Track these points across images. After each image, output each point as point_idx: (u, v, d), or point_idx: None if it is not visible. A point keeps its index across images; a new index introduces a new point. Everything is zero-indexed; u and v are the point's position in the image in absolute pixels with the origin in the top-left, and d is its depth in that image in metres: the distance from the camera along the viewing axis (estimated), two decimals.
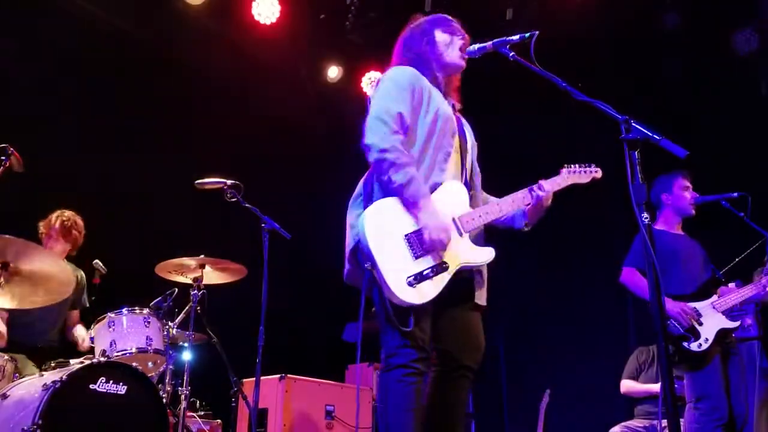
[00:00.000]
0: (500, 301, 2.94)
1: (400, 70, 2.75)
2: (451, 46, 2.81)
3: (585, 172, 2.99)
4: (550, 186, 2.84)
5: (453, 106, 2.84)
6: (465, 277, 2.65)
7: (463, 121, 2.89)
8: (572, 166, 2.98)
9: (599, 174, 3.03)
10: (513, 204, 2.78)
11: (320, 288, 6.17)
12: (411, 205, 2.50)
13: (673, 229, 4.27)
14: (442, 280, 2.50)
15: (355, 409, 4.91)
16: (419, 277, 2.44)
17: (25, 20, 5.15)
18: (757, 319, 4.52)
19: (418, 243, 2.50)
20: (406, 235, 2.50)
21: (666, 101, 5.75)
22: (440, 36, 2.81)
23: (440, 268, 2.49)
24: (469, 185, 2.76)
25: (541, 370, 6.21)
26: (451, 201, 2.63)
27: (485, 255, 2.66)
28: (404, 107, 2.61)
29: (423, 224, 2.49)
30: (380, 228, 2.47)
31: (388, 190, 2.54)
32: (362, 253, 2.47)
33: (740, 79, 5.61)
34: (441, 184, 2.64)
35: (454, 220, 2.61)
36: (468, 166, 2.79)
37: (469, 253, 2.61)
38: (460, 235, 2.60)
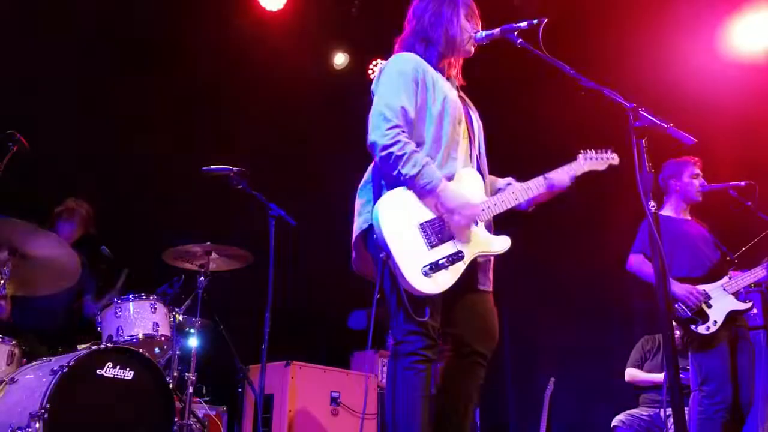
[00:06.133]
0: (504, 289, 2.92)
1: (403, 58, 2.67)
2: (470, 33, 2.73)
3: (602, 158, 2.93)
4: (566, 177, 2.79)
5: (456, 88, 2.80)
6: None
7: (468, 102, 2.84)
8: (589, 151, 2.91)
9: (616, 161, 2.96)
10: (528, 192, 2.73)
11: (326, 275, 6.18)
12: (427, 194, 2.47)
13: (679, 215, 4.27)
14: (457, 269, 2.47)
15: (361, 396, 4.96)
16: (435, 267, 2.42)
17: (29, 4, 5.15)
18: (764, 308, 4.52)
19: (433, 232, 2.47)
20: (420, 224, 2.47)
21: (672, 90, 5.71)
22: (464, 21, 2.72)
23: (456, 257, 2.47)
24: (480, 171, 2.71)
25: (545, 358, 6.22)
26: (468, 190, 2.59)
27: (501, 244, 2.62)
28: (407, 100, 2.55)
29: (449, 209, 2.47)
30: (394, 218, 2.44)
31: (396, 181, 2.48)
32: (377, 243, 2.45)
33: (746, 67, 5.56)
34: (453, 174, 2.60)
35: None
36: (476, 151, 2.74)
37: (485, 243, 2.58)
38: (476, 224, 2.57)
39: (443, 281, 2.43)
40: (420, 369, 2.45)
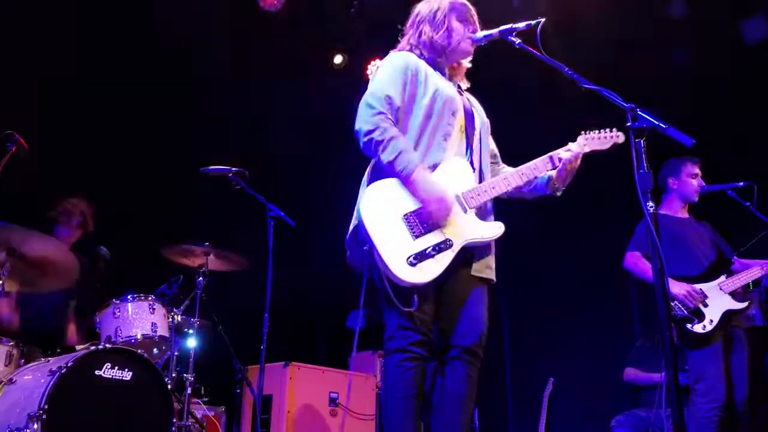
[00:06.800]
0: (503, 289, 2.91)
1: (395, 55, 2.74)
2: (463, 35, 2.76)
3: (604, 137, 2.83)
4: (568, 155, 2.72)
5: (459, 87, 2.82)
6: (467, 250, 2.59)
7: (472, 100, 2.86)
8: (589, 132, 2.83)
9: (621, 139, 2.85)
10: (522, 177, 2.70)
11: (325, 275, 6.18)
12: (405, 180, 2.47)
13: (677, 214, 4.28)
14: (445, 258, 2.45)
15: (360, 397, 4.96)
16: (420, 256, 2.41)
17: (26, 4, 5.14)
18: (762, 309, 4.52)
19: (417, 222, 2.47)
20: (405, 215, 2.47)
21: (673, 90, 5.71)
22: (455, 24, 2.76)
23: (443, 245, 2.46)
24: (474, 163, 2.70)
25: (545, 358, 6.22)
26: (453, 177, 2.59)
27: (493, 230, 2.60)
28: (394, 90, 2.60)
29: (421, 199, 2.46)
30: (377, 209, 2.46)
31: (382, 171, 2.52)
32: (361, 236, 2.45)
33: (747, 68, 5.56)
34: (439, 163, 2.60)
35: (457, 196, 2.57)
36: (476, 144, 2.73)
37: (474, 229, 2.56)
38: (465, 211, 2.56)
39: (430, 270, 2.42)
40: (409, 367, 2.43)
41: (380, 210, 2.46)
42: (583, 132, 2.84)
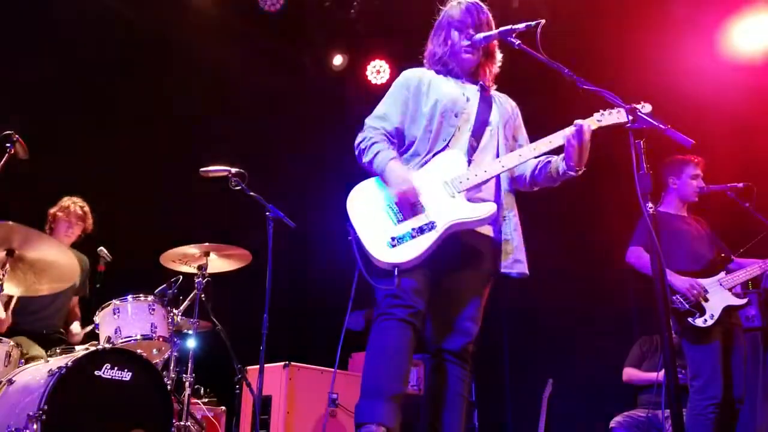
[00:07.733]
0: (501, 289, 2.92)
1: (402, 73, 2.95)
2: (458, 42, 2.85)
3: (619, 112, 2.68)
4: (573, 129, 2.65)
5: (483, 86, 2.88)
6: (474, 242, 2.68)
7: (496, 98, 2.91)
8: (603, 111, 2.71)
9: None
10: (520, 157, 2.70)
11: (324, 276, 6.18)
12: (381, 175, 2.67)
13: (676, 212, 4.29)
14: (427, 238, 2.54)
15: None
16: (401, 238, 2.54)
17: (25, 7, 5.15)
18: (761, 310, 4.53)
19: (399, 209, 2.61)
20: (387, 205, 2.64)
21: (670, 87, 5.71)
22: (451, 33, 2.88)
23: (426, 227, 2.55)
24: (480, 156, 2.75)
25: (544, 359, 6.21)
26: (443, 166, 2.70)
27: (481, 210, 2.62)
28: (392, 108, 2.84)
29: (389, 185, 2.62)
30: (361, 202, 2.66)
31: (369, 174, 2.75)
32: (347, 228, 2.60)
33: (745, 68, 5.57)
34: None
35: (445, 182, 2.66)
36: (486, 139, 2.79)
37: (460, 211, 2.60)
38: (452, 195, 2.63)
39: (411, 250, 2.52)
40: (384, 326, 2.51)
41: (364, 203, 2.65)
42: (600, 111, 2.72)
